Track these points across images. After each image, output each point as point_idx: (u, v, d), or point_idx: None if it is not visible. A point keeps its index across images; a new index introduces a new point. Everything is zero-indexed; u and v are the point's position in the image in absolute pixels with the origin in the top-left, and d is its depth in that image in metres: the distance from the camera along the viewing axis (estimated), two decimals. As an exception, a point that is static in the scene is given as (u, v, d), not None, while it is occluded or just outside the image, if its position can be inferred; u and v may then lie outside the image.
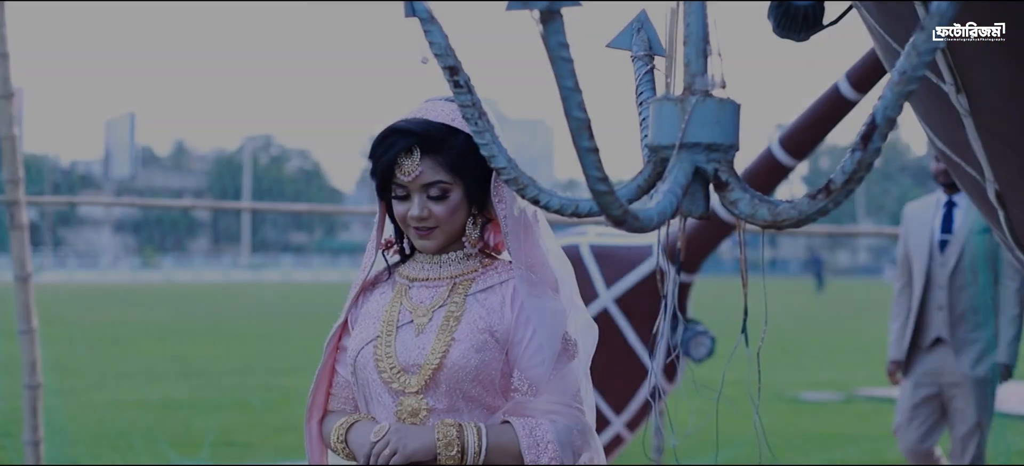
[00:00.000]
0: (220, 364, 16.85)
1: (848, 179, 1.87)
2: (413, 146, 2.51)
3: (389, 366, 2.54)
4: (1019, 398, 11.51)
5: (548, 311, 2.55)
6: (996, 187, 3.41)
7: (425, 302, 2.60)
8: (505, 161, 2.08)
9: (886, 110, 1.81)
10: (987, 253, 6.16)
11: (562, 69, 1.74)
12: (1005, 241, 4.01)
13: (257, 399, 12.88)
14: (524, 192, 2.08)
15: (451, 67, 2.06)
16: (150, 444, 9.55)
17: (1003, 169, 3.27)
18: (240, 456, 9.41)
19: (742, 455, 8.36)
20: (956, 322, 6.21)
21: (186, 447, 9.62)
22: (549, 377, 2.52)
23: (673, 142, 2.01)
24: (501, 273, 2.61)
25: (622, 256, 5.94)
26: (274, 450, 9.71)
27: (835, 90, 5.42)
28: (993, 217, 3.71)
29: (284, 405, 12.40)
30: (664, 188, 1.98)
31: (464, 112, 2.06)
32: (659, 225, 1.94)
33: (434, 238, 2.57)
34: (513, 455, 2.47)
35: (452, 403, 2.51)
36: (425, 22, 2.06)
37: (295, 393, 13.47)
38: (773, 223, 1.96)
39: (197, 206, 10.47)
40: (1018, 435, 10.24)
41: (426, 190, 2.53)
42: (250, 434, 10.54)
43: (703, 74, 2.04)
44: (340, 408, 2.74)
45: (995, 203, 3.49)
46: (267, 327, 24.52)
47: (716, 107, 2.00)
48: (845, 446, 10.13)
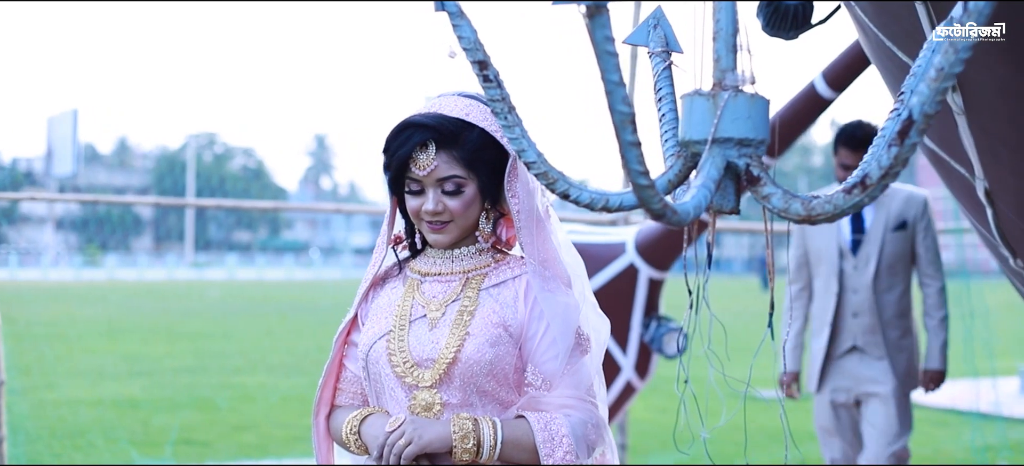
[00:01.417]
0: (172, 362, 16.72)
1: (884, 174, 1.90)
2: (428, 140, 2.51)
3: (402, 360, 2.54)
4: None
5: (561, 306, 2.56)
6: (986, 185, 3.45)
7: (438, 297, 2.60)
8: (535, 155, 2.09)
9: (923, 106, 1.83)
10: (906, 252, 5.78)
11: (607, 63, 1.75)
12: (987, 239, 4.06)
13: (213, 397, 12.79)
14: (554, 186, 2.09)
15: (481, 61, 2.06)
16: (111, 443, 9.46)
17: (995, 167, 3.32)
18: (200, 455, 9.35)
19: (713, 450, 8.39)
20: (883, 328, 5.74)
21: (145, 446, 9.54)
22: (563, 372, 2.53)
23: (705, 137, 2.02)
24: (514, 268, 2.61)
25: (593, 254, 5.95)
26: (235, 449, 9.65)
27: (811, 89, 5.47)
28: (980, 215, 3.75)
29: (241, 403, 12.34)
30: (697, 183, 1.99)
31: (493, 107, 2.07)
32: (695, 219, 1.96)
33: (448, 232, 2.57)
34: (528, 449, 2.48)
35: (466, 397, 2.51)
36: (454, 17, 2.05)
37: (250, 391, 13.42)
38: (807, 218, 1.98)
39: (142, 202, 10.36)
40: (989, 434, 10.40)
41: (441, 184, 2.53)
42: (209, 433, 10.47)
43: (733, 70, 2.06)
44: (348, 403, 2.73)
45: (984, 201, 3.53)
46: (216, 325, 24.37)
47: (747, 102, 2.01)
48: (807, 442, 10.22)
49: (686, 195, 1.96)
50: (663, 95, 2.41)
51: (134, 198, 14.15)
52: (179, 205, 12.33)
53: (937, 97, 1.81)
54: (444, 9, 2.06)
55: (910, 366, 5.80)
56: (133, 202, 9.54)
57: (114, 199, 9.99)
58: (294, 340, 20.99)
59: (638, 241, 6.01)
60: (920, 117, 1.83)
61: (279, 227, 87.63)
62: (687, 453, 2.95)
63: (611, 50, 1.74)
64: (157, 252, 69.14)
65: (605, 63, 1.75)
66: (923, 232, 5.78)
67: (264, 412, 11.85)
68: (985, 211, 3.61)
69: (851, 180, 1.99)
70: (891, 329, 5.76)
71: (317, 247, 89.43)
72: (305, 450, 9.61)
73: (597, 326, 2.68)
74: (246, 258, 72.55)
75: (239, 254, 73.49)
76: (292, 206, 10.80)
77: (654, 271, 5.97)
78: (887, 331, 5.76)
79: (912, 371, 5.81)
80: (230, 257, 69.28)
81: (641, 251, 5.97)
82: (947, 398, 12.47)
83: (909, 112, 1.84)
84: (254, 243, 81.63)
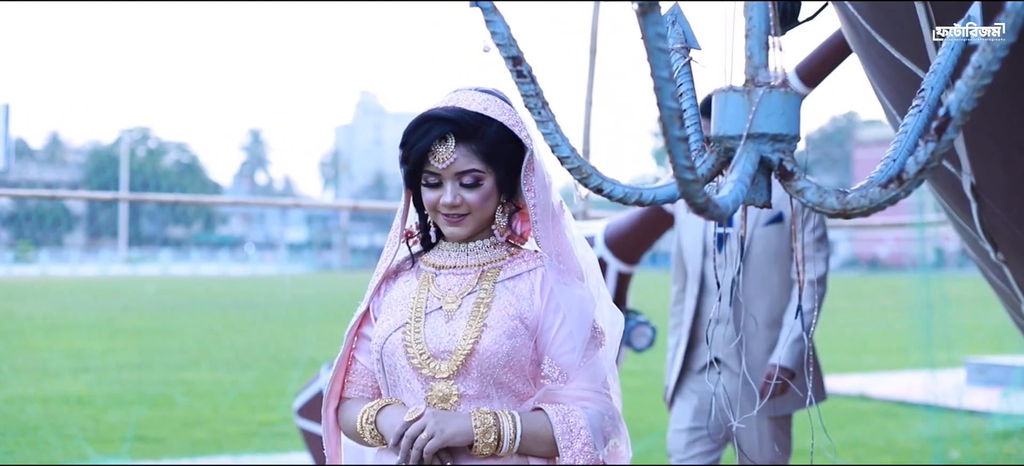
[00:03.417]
0: (114, 358, 16.57)
1: (921, 169, 1.93)
2: (448, 133, 2.52)
3: (419, 352, 2.55)
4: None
5: (577, 299, 2.58)
6: (973, 180, 3.52)
7: (453, 289, 2.61)
8: (569, 150, 2.11)
9: (961, 103, 1.87)
10: (781, 250, 4.94)
11: (658, 59, 1.77)
12: (967, 234, 4.14)
13: (164, 394, 12.70)
14: (587, 181, 2.11)
15: (514, 57, 2.07)
16: (65, 440, 9.36)
17: (984, 163, 3.39)
18: (155, 452, 9.28)
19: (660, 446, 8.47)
20: (746, 340, 4.87)
21: (99, 443, 9.45)
22: (579, 364, 2.55)
23: (739, 132, 2.05)
24: (529, 261, 2.63)
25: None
26: (189, 445, 9.59)
27: None
28: (964, 209, 3.83)
29: (190, 400, 12.25)
30: (732, 177, 2.02)
31: (527, 102, 2.08)
32: (734, 212, 1.98)
33: (465, 225, 2.59)
34: (547, 441, 2.50)
35: (483, 389, 2.53)
36: (488, 13, 2.07)
37: (197, 387, 13.33)
38: (842, 212, 2.01)
39: (75, 197, 10.26)
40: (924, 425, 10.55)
41: (459, 178, 2.54)
42: (161, 429, 10.39)
43: (766, 66, 2.09)
44: (358, 395, 2.73)
45: (970, 196, 3.60)
46: (155, 321, 24.19)
47: (781, 99, 2.05)
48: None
49: (723, 190, 1.99)
50: (684, 91, 2.43)
51: (67, 193, 14.01)
52: (112, 200, 12.21)
53: (974, 94, 1.85)
54: (478, 5, 2.07)
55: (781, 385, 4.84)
56: (66, 197, 9.45)
57: (46, 194, 9.89)
58: (236, 335, 20.89)
59: (607, 235, 6.04)
60: (957, 114, 1.86)
61: (214, 222, 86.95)
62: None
63: (662, 46, 1.76)
64: (90, 248, 68.32)
65: (655, 59, 1.77)
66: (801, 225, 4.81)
67: (213, 408, 11.79)
68: (969, 205, 3.68)
69: (888, 174, 2.03)
70: (757, 341, 4.92)
71: (252, 242, 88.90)
72: (260, 446, 9.58)
73: (612, 320, 2.70)
74: (181, 253, 71.96)
75: (173, 249, 72.86)
76: (228, 200, 10.72)
77: (623, 265, 6.01)
78: (751, 343, 4.91)
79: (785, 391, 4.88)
80: (164, 253, 68.65)
81: (610, 245, 6.01)
82: (899, 389, 12.69)
83: (947, 109, 1.87)
84: (188, 238, 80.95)
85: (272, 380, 13.91)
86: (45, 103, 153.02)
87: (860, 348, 18.31)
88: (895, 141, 2.22)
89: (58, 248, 61.89)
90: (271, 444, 9.66)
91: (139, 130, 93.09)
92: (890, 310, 25.57)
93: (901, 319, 22.26)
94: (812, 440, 2.32)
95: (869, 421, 11.11)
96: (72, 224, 71.47)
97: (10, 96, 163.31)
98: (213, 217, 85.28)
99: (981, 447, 9.58)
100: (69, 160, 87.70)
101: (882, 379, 13.66)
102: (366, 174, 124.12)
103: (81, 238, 72.13)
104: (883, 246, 69.26)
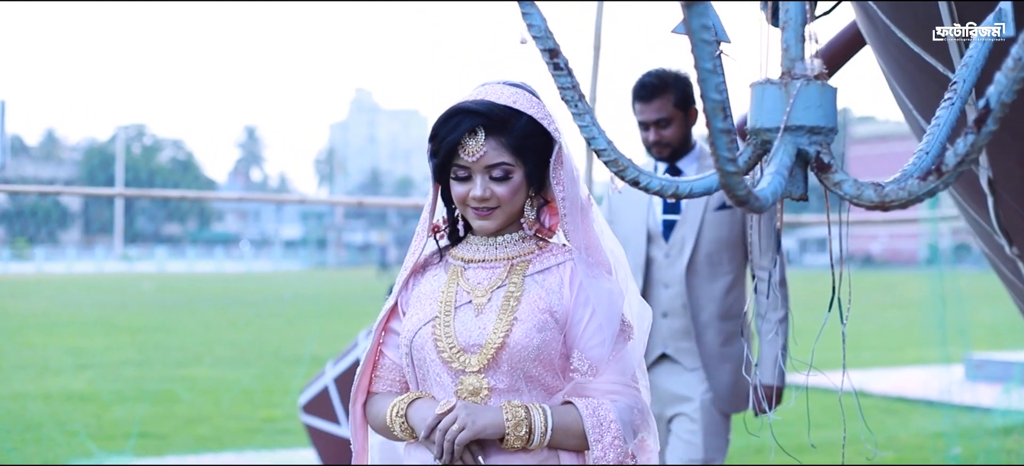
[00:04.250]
0: (113, 356, 16.55)
1: (960, 161, 1.94)
2: (478, 126, 2.52)
3: (449, 345, 2.55)
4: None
5: (606, 292, 2.59)
6: (990, 174, 3.54)
7: (483, 283, 2.61)
8: (605, 143, 2.11)
9: (1000, 95, 1.87)
10: (734, 237, 4.68)
11: (703, 51, 1.77)
12: (981, 228, 4.15)
13: (166, 391, 12.69)
14: (624, 174, 2.11)
15: (551, 49, 2.08)
16: (69, 437, 9.36)
17: (1002, 157, 3.40)
18: (158, 449, 9.28)
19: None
20: (700, 332, 4.64)
21: (102, 440, 9.44)
22: (608, 358, 2.56)
23: (777, 125, 2.06)
24: (557, 255, 2.64)
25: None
26: (192, 442, 9.59)
27: None
28: (979, 204, 3.84)
29: (192, 397, 12.24)
30: (770, 170, 2.03)
31: (563, 94, 2.09)
32: (772, 205, 1.99)
33: (494, 219, 2.59)
34: (577, 435, 2.51)
35: (513, 382, 2.53)
36: (525, 5, 2.07)
37: (198, 384, 13.32)
38: (880, 204, 2.02)
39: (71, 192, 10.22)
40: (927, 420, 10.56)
41: (489, 171, 2.54)
42: (163, 426, 10.39)
43: (802, 59, 2.10)
44: (386, 390, 2.73)
45: (986, 190, 3.61)
46: (153, 318, 24.19)
47: (818, 91, 2.06)
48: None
49: (762, 182, 2.00)
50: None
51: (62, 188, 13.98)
52: (107, 195, 12.23)
53: (1014, 86, 1.86)
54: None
55: (736, 381, 4.68)
56: (61, 192, 9.44)
57: (43, 189, 9.90)
58: (233, 332, 20.89)
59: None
60: (997, 106, 1.87)
61: (209, 219, 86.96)
62: (757, 435, 2.98)
63: (707, 39, 1.77)
64: (86, 245, 68.31)
65: (700, 51, 1.77)
66: (753, 220, 4.59)
67: (215, 405, 11.78)
68: (986, 199, 3.69)
69: (923, 166, 2.04)
70: (711, 333, 4.66)
71: (247, 239, 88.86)
72: (263, 442, 9.58)
73: (640, 314, 2.71)
74: (176, 251, 71.99)
75: (169, 247, 72.88)
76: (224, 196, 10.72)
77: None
78: (705, 336, 4.66)
79: (739, 389, 4.69)
80: (159, 250, 68.70)
81: None
82: (898, 386, 12.71)
83: (987, 101, 1.88)
84: (184, 235, 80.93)
85: (273, 377, 13.91)
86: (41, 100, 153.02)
87: (857, 344, 18.33)
88: (927, 134, 2.23)
89: (54, 245, 61.90)
90: (274, 440, 9.66)
91: (135, 127, 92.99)
92: (887, 307, 25.60)
93: (898, 315, 22.32)
94: (844, 433, 2.33)
95: (869, 417, 11.10)
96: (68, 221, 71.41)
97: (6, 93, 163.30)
98: (208, 214, 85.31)
99: (982, 443, 9.60)
100: (65, 157, 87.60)
101: (881, 375, 13.70)
102: (361, 171, 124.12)
103: (77, 235, 72.11)
104: (876, 243, 69.45)
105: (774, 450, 2.56)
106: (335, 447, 6.80)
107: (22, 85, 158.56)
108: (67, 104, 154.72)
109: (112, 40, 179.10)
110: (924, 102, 3.67)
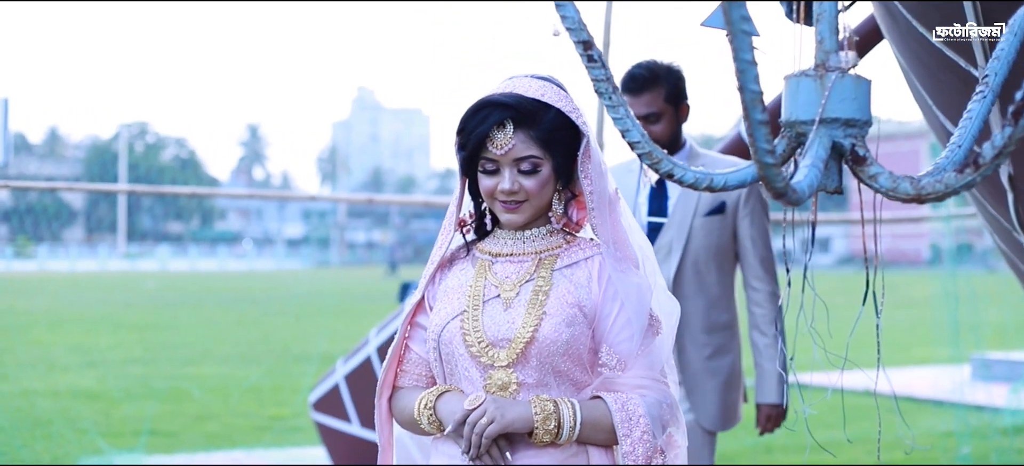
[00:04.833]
0: (120, 353, 16.57)
1: (998, 153, 1.94)
2: (507, 119, 2.51)
3: (477, 340, 2.55)
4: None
5: (634, 287, 2.58)
6: (1010, 170, 3.53)
7: (511, 277, 2.60)
8: (639, 135, 2.10)
9: (1040, 86, 1.87)
10: (723, 244, 4.46)
11: (742, 42, 1.77)
12: (999, 225, 4.15)
13: (172, 388, 12.70)
14: (658, 166, 2.11)
15: (585, 41, 2.07)
16: (79, 435, 9.36)
17: (1021, 152, 3.39)
18: (168, 446, 9.29)
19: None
20: (681, 347, 4.42)
21: (111, 437, 9.45)
22: (637, 352, 2.55)
23: (812, 117, 2.05)
24: (585, 249, 2.63)
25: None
26: (202, 439, 9.60)
27: None
28: (999, 200, 3.83)
29: (200, 394, 12.25)
30: (806, 162, 2.02)
31: (597, 86, 2.08)
32: (809, 197, 1.99)
33: (522, 212, 2.58)
34: (606, 429, 2.50)
35: (541, 377, 2.52)
36: (559, -1, 2.07)
37: (205, 382, 13.33)
38: (916, 197, 2.01)
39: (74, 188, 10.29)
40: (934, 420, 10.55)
41: (517, 164, 2.53)
42: (173, 424, 10.40)
43: (837, 51, 2.09)
44: (412, 385, 2.72)
45: (1006, 186, 3.61)
46: (158, 316, 24.22)
47: (853, 83, 2.05)
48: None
49: (797, 174, 2.00)
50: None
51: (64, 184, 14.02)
52: (111, 191, 12.23)
53: (1053, 79, 1.85)
54: (549, -10, 2.08)
55: (724, 397, 4.49)
56: (63, 188, 9.45)
57: (46, 186, 9.93)
58: (238, 331, 20.90)
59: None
60: (1037, 97, 1.86)
61: (212, 217, 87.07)
62: (793, 429, 2.98)
63: (747, 29, 1.77)
64: (89, 243, 68.39)
65: (739, 42, 1.77)
66: (748, 218, 4.44)
67: (224, 402, 11.79)
68: (1006, 196, 3.69)
69: (957, 158, 2.03)
70: (695, 348, 4.46)
71: (250, 238, 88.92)
72: (272, 439, 9.58)
73: (668, 309, 2.70)
74: (179, 249, 72.10)
75: (171, 245, 72.97)
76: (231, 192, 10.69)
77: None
78: (688, 350, 4.46)
79: (728, 404, 4.51)
80: (162, 248, 68.77)
81: None
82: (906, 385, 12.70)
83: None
84: (186, 234, 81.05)
85: (281, 374, 13.91)
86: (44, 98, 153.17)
87: (865, 343, 18.29)
88: (959, 127, 2.22)
89: (57, 243, 61.95)
90: (284, 438, 9.67)
91: (137, 125, 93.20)
92: (891, 307, 25.54)
93: (904, 315, 22.30)
94: (879, 431, 2.32)
95: (873, 416, 11.09)
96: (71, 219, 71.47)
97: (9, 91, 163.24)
98: (211, 212, 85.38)
99: (992, 442, 9.60)
100: (68, 155, 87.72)
101: (889, 374, 13.64)
102: (363, 170, 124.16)
103: (79, 233, 72.18)
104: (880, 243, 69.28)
105: (809, 447, 2.54)
106: (346, 445, 6.79)
107: (25, 83, 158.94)
108: (70, 102, 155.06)
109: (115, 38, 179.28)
110: (945, 98, 3.67)
